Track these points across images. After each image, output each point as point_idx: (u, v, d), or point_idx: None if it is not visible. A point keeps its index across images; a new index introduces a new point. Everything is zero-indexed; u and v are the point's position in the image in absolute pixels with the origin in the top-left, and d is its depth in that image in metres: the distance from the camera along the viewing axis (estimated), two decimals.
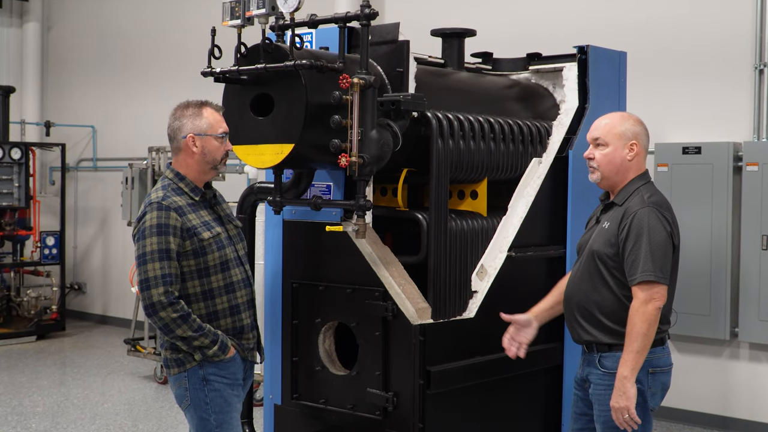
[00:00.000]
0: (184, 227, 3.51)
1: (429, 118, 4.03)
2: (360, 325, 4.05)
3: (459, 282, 4.18)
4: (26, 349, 9.51)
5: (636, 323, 3.45)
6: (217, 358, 3.54)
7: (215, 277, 3.58)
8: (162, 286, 3.42)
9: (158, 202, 3.51)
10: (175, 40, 10.19)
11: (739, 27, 6.41)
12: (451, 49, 4.72)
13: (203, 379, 3.55)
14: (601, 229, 3.67)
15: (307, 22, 3.89)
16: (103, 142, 11.22)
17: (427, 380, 3.94)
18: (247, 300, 3.70)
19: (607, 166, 3.68)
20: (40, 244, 10.11)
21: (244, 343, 3.68)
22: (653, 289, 3.47)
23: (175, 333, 3.46)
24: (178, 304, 3.44)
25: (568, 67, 4.88)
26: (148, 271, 3.44)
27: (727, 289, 6.29)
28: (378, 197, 4.44)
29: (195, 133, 3.59)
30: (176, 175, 3.64)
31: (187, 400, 3.58)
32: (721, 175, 6.28)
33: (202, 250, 3.54)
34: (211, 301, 3.58)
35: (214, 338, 3.52)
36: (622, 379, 3.47)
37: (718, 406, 6.52)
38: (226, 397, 3.59)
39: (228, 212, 3.78)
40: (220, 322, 3.59)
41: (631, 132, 3.68)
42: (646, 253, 3.47)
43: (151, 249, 3.44)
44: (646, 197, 3.59)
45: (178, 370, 3.57)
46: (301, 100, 3.66)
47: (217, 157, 3.63)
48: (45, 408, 7.08)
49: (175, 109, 3.67)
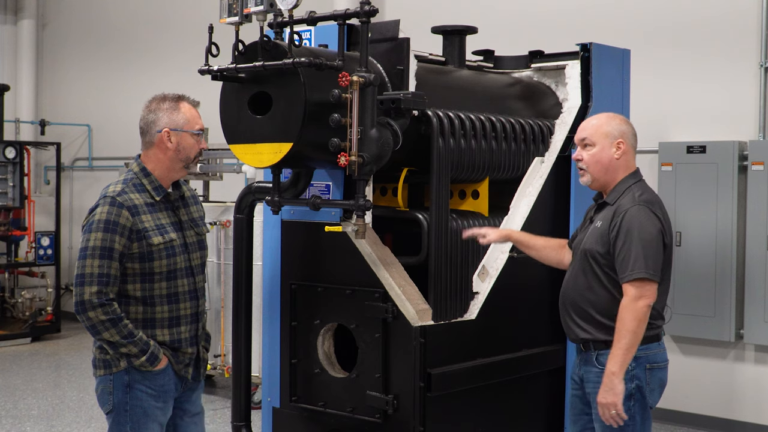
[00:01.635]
0: (135, 228, 3.39)
1: (429, 116, 4.03)
2: (359, 327, 4.05)
3: (460, 283, 4.18)
4: (21, 351, 9.51)
5: (626, 320, 3.49)
6: (144, 368, 3.44)
7: (159, 284, 3.47)
8: (96, 285, 3.32)
9: (113, 197, 3.40)
10: (172, 37, 10.20)
11: (744, 25, 6.41)
12: (452, 47, 4.72)
13: (127, 385, 3.46)
14: (594, 229, 3.72)
15: (305, 19, 3.89)
16: (99, 141, 11.23)
17: (428, 383, 3.93)
18: (191, 313, 3.57)
19: (595, 166, 3.74)
20: (35, 245, 10.11)
21: (180, 356, 3.55)
22: (644, 287, 3.51)
23: (102, 336, 3.36)
24: (110, 306, 3.33)
25: (570, 64, 4.88)
26: (85, 267, 3.34)
27: (732, 290, 6.29)
28: (378, 197, 4.44)
29: (171, 128, 3.50)
30: (142, 170, 3.52)
31: (110, 404, 3.49)
32: (726, 175, 6.28)
33: (149, 255, 3.43)
34: (151, 307, 3.47)
35: (143, 348, 3.40)
36: (610, 375, 3.52)
37: (723, 409, 6.52)
38: (146, 408, 3.48)
39: (194, 216, 3.66)
40: (156, 332, 3.48)
41: (617, 131, 3.74)
42: (636, 251, 3.51)
43: (94, 245, 3.34)
44: (637, 195, 3.64)
45: (104, 372, 3.49)
46: (300, 99, 3.66)
47: (191, 155, 3.54)
48: (40, 411, 7.07)
49: (150, 101, 3.56)
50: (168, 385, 3.53)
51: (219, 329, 7.25)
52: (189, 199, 3.69)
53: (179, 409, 3.64)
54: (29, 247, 10.31)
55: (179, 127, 3.51)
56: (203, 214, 3.76)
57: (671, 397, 6.56)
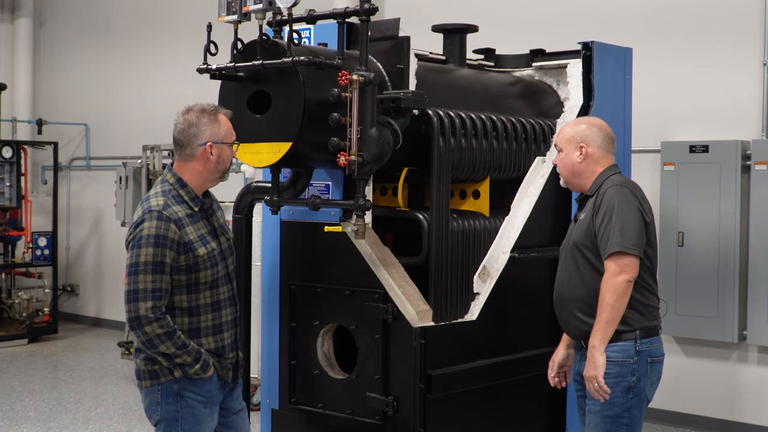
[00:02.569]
0: (182, 241, 3.42)
1: (430, 115, 4.03)
2: (359, 328, 4.05)
3: (461, 284, 4.18)
4: (18, 352, 9.51)
5: (605, 294, 3.58)
6: (197, 376, 3.48)
7: (203, 294, 3.51)
8: (151, 301, 3.35)
9: (159, 211, 3.40)
10: (170, 35, 10.19)
11: (747, 24, 6.41)
12: (452, 45, 4.72)
13: (177, 394, 3.48)
14: (580, 222, 3.80)
15: (305, 17, 3.89)
16: (97, 141, 11.22)
17: (428, 384, 3.94)
18: (231, 319, 3.63)
19: (563, 170, 3.89)
20: (32, 245, 10.11)
21: (223, 362, 3.60)
22: (622, 260, 3.57)
23: (158, 349, 3.39)
24: (164, 319, 3.37)
25: (572, 63, 4.89)
26: (138, 283, 3.36)
27: (735, 291, 6.29)
28: (378, 197, 4.44)
29: (214, 141, 3.51)
30: (178, 181, 3.53)
31: (158, 415, 3.50)
32: (729, 175, 6.28)
33: (195, 266, 3.46)
34: (196, 317, 3.51)
35: (196, 356, 3.45)
36: (591, 348, 3.62)
37: (726, 411, 6.52)
38: (198, 416, 3.51)
39: (222, 222, 3.70)
40: (201, 340, 3.52)
41: (579, 135, 3.83)
42: (615, 227, 3.59)
43: (146, 260, 3.37)
44: (614, 180, 3.75)
45: (151, 382, 3.50)
46: (299, 98, 3.66)
47: (228, 165, 3.58)
48: (37, 412, 7.07)
49: (187, 113, 3.54)
50: (214, 391, 3.57)
51: None
52: (215, 205, 3.72)
53: (223, 409, 3.68)
54: (26, 248, 10.31)
55: (221, 139, 3.52)
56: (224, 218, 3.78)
57: (673, 399, 6.57)
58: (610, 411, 3.66)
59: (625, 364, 3.64)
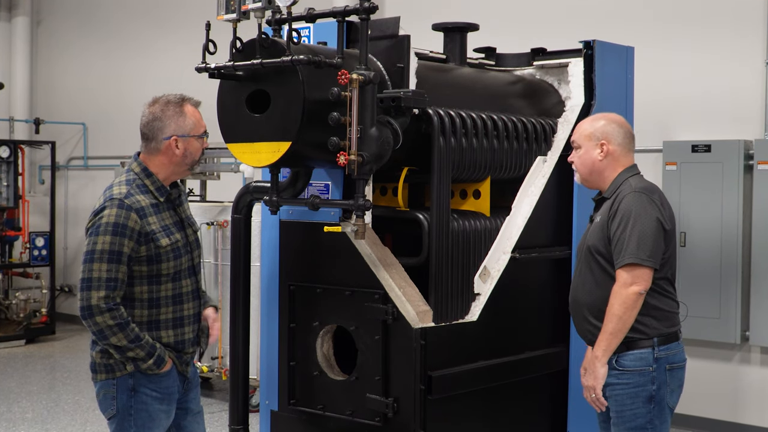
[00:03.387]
0: (143, 231, 3.39)
1: (430, 115, 4.03)
2: (359, 329, 4.05)
3: (461, 284, 4.18)
4: (15, 353, 9.51)
5: (614, 304, 3.53)
6: (151, 371, 3.44)
7: (165, 286, 3.48)
8: (104, 290, 3.31)
9: (120, 199, 3.38)
10: (169, 34, 10.19)
11: (750, 22, 6.41)
12: (453, 44, 4.72)
13: (132, 389, 3.45)
14: (595, 225, 3.74)
15: (304, 16, 3.89)
16: (95, 140, 11.22)
17: (429, 385, 3.93)
18: (194, 313, 3.60)
19: (582, 168, 3.82)
20: (30, 245, 10.11)
21: (184, 357, 3.57)
22: (635, 271, 3.51)
23: (110, 340, 3.36)
24: (117, 310, 3.33)
25: (573, 62, 4.89)
26: (93, 271, 3.33)
27: (737, 291, 6.29)
28: (378, 197, 4.44)
29: (179, 135, 3.49)
30: (143, 170, 3.50)
31: (112, 409, 3.46)
32: (731, 174, 6.28)
33: (157, 257, 3.43)
34: (156, 309, 3.48)
35: (150, 351, 3.41)
36: (593, 359, 3.59)
37: (728, 412, 6.52)
38: (152, 413, 3.48)
39: (188, 214, 3.67)
40: (161, 333, 3.49)
41: (600, 132, 3.77)
42: (631, 237, 3.52)
43: (102, 248, 3.33)
44: (634, 184, 3.67)
45: (106, 376, 3.47)
46: (299, 97, 3.66)
47: (197, 157, 3.56)
48: (34, 414, 7.07)
49: (153, 105, 3.52)
50: (172, 387, 3.54)
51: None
52: (183, 195, 3.70)
53: (181, 409, 3.65)
54: (23, 248, 10.31)
55: (187, 132, 3.51)
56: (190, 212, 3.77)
57: None
58: (633, 423, 3.61)
59: (644, 373, 3.58)
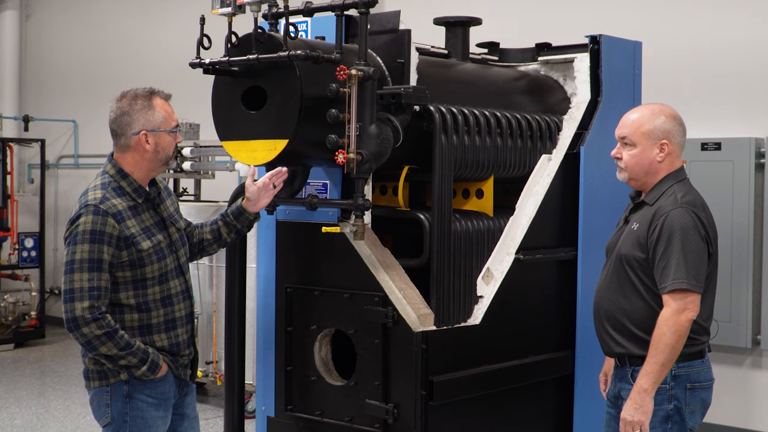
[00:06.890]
0: (122, 236, 3.38)
1: (432, 112, 4.03)
2: (358, 333, 4.05)
3: (463, 287, 4.18)
4: (3, 357, 9.52)
5: (665, 333, 3.36)
6: (146, 377, 3.44)
7: (152, 289, 3.48)
8: (87, 300, 3.30)
9: (95, 205, 3.36)
10: (164, 31, 10.20)
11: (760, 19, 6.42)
12: (455, 39, 4.72)
13: (127, 395, 3.45)
14: (630, 231, 3.60)
15: (302, 10, 3.89)
16: (85, 138, 11.23)
17: (430, 391, 3.94)
18: (186, 314, 3.60)
19: (635, 168, 3.61)
20: (18, 246, 10.13)
21: (180, 360, 3.58)
22: (687, 299, 3.36)
23: (99, 350, 3.35)
24: (103, 319, 3.32)
25: (579, 58, 4.88)
26: (74, 281, 3.32)
27: (748, 294, 6.29)
28: (377, 196, 4.44)
29: (148, 129, 3.47)
30: (119, 172, 3.48)
31: (108, 417, 3.46)
32: (742, 173, 6.28)
33: (140, 261, 3.42)
34: (147, 313, 3.47)
35: (143, 357, 3.41)
36: (641, 391, 3.40)
37: (739, 419, 6.52)
38: (148, 419, 3.48)
39: (171, 211, 3.65)
40: (155, 337, 3.49)
41: (661, 130, 3.59)
42: (678, 259, 3.37)
43: (81, 257, 3.31)
44: (680, 196, 3.50)
45: (100, 383, 3.47)
46: (296, 93, 3.66)
47: (170, 152, 3.54)
48: (24, 420, 7.08)
49: (120, 99, 3.50)
50: (168, 392, 3.55)
51: (211, 335, 7.25)
52: (163, 192, 3.68)
53: (177, 415, 3.67)
54: (12, 249, 10.32)
55: (156, 127, 3.49)
56: (177, 205, 3.77)
57: None
58: None
59: (661, 391, 3.45)
